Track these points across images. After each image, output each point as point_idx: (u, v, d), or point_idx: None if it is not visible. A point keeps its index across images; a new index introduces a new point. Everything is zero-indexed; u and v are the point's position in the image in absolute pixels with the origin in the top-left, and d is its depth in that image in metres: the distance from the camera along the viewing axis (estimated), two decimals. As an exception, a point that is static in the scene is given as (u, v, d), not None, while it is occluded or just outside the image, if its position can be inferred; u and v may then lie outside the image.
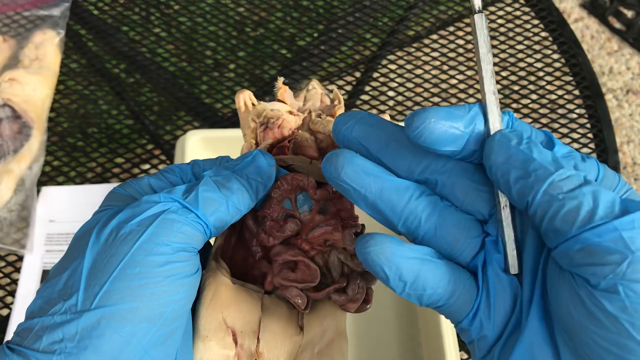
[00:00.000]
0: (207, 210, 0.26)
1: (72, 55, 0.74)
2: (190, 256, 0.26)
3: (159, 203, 0.26)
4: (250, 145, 0.33)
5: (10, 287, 0.59)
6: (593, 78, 0.71)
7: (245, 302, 0.29)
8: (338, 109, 0.35)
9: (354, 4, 0.79)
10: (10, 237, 0.59)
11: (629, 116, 1.46)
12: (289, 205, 0.30)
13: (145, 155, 0.67)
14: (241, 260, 0.31)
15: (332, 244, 0.30)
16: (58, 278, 0.25)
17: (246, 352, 0.28)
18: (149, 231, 0.25)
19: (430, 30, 0.76)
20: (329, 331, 0.29)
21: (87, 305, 0.24)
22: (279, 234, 0.29)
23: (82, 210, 0.61)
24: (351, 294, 0.29)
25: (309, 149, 0.32)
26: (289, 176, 0.29)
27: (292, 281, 0.28)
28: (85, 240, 0.25)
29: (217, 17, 0.78)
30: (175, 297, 0.25)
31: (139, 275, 0.24)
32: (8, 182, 0.60)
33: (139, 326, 0.24)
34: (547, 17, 0.76)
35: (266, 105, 0.33)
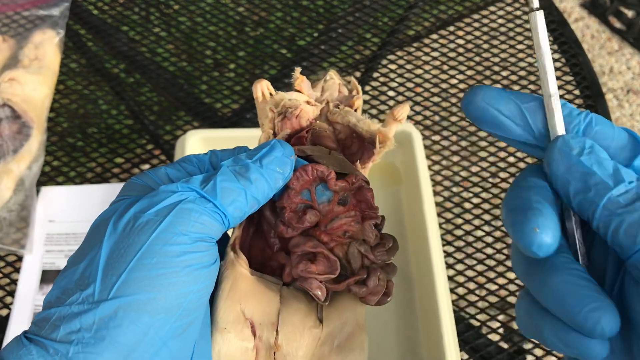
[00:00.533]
0: (225, 200, 0.26)
1: (72, 55, 0.74)
2: (209, 246, 0.26)
3: (177, 193, 0.26)
4: (268, 136, 0.32)
5: (9, 287, 0.59)
6: (593, 78, 0.71)
7: (264, 294, 0.28)
8: (356, 99, 0.34)
9: (354, 4, 0.79)
10: (10, 237, 0.59)
11: (629, 116, 1.46)
12: (308, 196, 0.30)
13: (145, 155, 0.67)
14: (259, 251, 0.31)
15: (351, 236, 0.29)
16: (75, 268, 0.25)
17: (265, 345, 0.28)
18: (166, 221, 0.25)
19: (430, 30, 0.76)
20: (348, 324, 0.29)
21: (104, 295, 0.23)
22: (298, 226, 0.29)
23: (82, 210, 0.61)
24: (372, 286, 0.28)
25: (327, 139, 0.32)
26: (308, 167, 0.29)
27: (312, 273, 0.28)
28: (102, 230, 0.25)
29: (217, 17, 0.78)
30: (194, 288, 0.25)
31: (157, 266, 0.24)
32: (8, 182, 0.60)
33: (157, 317, 0.24)
34: (547, 17, 0.76)
35: (284, 95, 0.33)
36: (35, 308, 0.56)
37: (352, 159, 0.33)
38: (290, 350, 0.28)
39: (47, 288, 0.57)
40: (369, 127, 0.32)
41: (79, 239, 0.60)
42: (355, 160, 0.32)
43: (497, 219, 0.62)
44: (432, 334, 0.50)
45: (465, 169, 0.65)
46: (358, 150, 0.33)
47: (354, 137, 0.33)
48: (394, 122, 0.33)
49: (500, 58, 0.73)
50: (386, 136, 0.32)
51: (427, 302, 0.52)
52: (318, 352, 0.28)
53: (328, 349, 0.28)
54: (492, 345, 0.56)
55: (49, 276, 0.58)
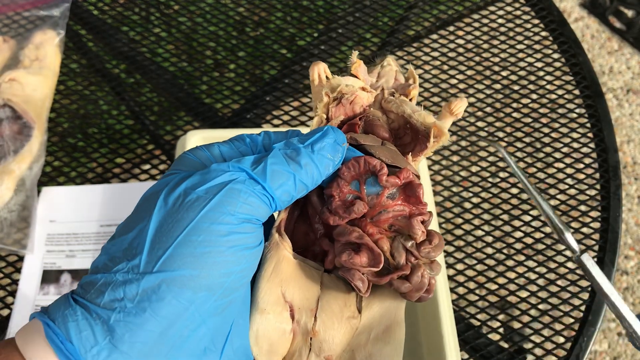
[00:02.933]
0: (274, 183, 0.26)
1: (72, 56, 0.74)
2: (255, 228, 0.26)
3: (228, 172, 0.26)
4: (321, 120, 0.32)
5: (10, 288, 0.59)
6: (593, 77, 0.71)
7: (305, 279, 0.29)
8: (412, 89, 0.34)
9: (354, 4, 0.79)
10: (11, 237, 0.59)
11: (629, 115, 1.46)
12: (357, 187, 0.29)
13: (146, 155, 0.67)
14: (302, 235, 0.31)
15: (397, 230, 0.29)
16: (124, 237, 0.25)
17: (302, 329, 0.28)
18: (215, 199, 0.25)
19: (430, 30, 0.76)
20: (387, 317, 0.29)
21: (149, 267, 0.24)
22: (345, 215, 0.29)
23: (83, 210, 0.61)
24: (415, 283, 0.28)
25: (380, 128, 0.32)
26: (361, 159, 0.29)
27: (355, 264, 0.28)
28: (153, 202, 0.26)
29: (217, 17, 0.78)
30: (237, 268, 0.25)
31: (203, 244, 0.24)
32: (8, 182, 0.60)
33: (199, 294, 0.24)
34: (547, 17, 0.76)
35: (341, 80, 0.32)
36: (36, 308, 0.56)
37: (404, 150, 0.32)
38: (327, 337, 0.28)
39: (47, 288, 0.57)
40: (424, 120, 0.31)
41: (80, 238, 0.60)
42: (407, 152, 0.32)
43: (497, 218, 0.62)
44: (432, 333, 0.50)
45: (465, 169, 0.65)
46: (411, 142, 0.33)
47: (407, 128, 0.33)
48: (450, 116, 0.33)
49: (500, 58, 0.73)
50: (441, 130, 0.31)
51: (427, 302, 0.52)
52: (354, 341, 0.28)
53: (364, 340, 0.28)
54: (492, 345, 0.56)
55: (50, 276, 0.58)
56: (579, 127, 0.68)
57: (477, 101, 0.69)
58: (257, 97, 0.71)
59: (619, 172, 0.64)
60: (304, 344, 0.28)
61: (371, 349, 0.28)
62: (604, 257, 0.59)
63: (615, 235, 0.60)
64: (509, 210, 0.62)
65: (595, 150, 0.66)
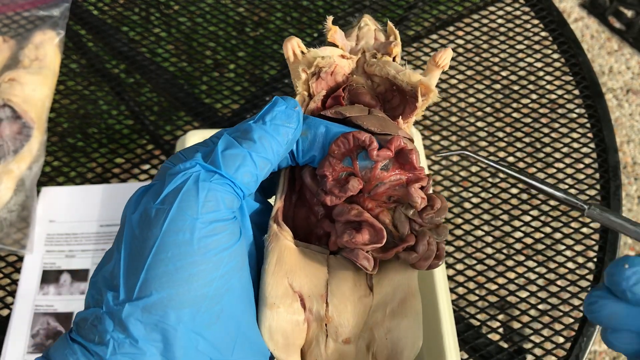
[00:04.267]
0: (230, 167, 0.25)
1: (72, 56, 0.74)
2: (226, 225, 0.25)
3: (180, 173, 0.24)
4: (303, 98, 0.31)
5: (10, 288, 0.59)
6: (593, 78, 0.71)
7: (311, 265, 0.28)
8: (394, 46, 0.32)
9: (354, 4, 0.79)
10: (11, 237, 0.59)
11: (629, 116, 1.46)
12: (350, 163, 0.28)
13: (145, 155, 0.67)
14: (303, 220, 0.30)
15: (397, 200, 0.28)
16: (106, 268, 0.25)
17: (315, 317, 0.27)
18: (173, 209, 0.24)
19: (430, 30, 0.76)
20: (400, 290, 0.28)
21: (130, 296, 0.23)
22: (341, 194, 0.27)
23: (82, 210, 0.61)
24: (421, 252, 0.27)
25: (365, 96, 0.30)
26: (350, 135, 0.27)
27: (357, 243, 0.27)
28: (122, 225, 0.25)
29: (217, 17, 0.78)
30: (216, 274, 0.24)
31: (173, 259, 0.23)
32: (8, 182, 0.60)
33: (183, 311, 0.23)
34: (547, 17, 0.76)
35: (317, 53, 0.30)
36: (35, 308, 0.56)
37: (394, 114, 0.31)
38: (342, 321, 0.27)
39: (47, 288, 0.57)
40: (409, 79, 0.30)
41: (80, 239, 0.60)
42: (397, 115, 0.31)
43: (497, 218, 0.62)
44: (432, 333, 0.50)
45: (465, 169, 0.65)
46: (399, 104, 0.31)
47: (394, 90, 0.31)
48: (436, 68, 0.31)
49: (500, 58, 0.73)
50: (428, 87, 0.30)
51: (427, 302, 0.52)
52: (371, 319, 0.27)
53: (381, 316, 0.27)
54: (492, 345, 0.56)
55: (50, 276, 0.58)
56: (579, 127, 0.68)
57: (477, 101, 0.69)
58: (257, 97, 0.71)
59: (618, 172, 0.64)
60: (319, 331, 0.27)
61: (389, 324, 0.27)
62: (604, 257, 0.59)
63: (616, 235, 0.60)
64: (508, 210, 0.62)
65: (595, 150, 0.66)
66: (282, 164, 0.29)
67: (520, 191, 0.64)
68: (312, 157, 0.28)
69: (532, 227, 0.61)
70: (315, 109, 0.31)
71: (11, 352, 0.54)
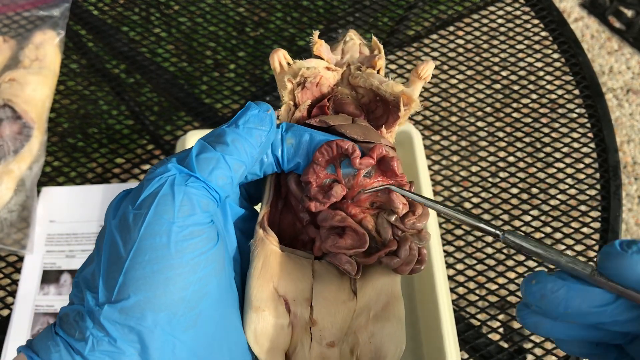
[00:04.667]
0: (204, 170, 0.25)
1: (72, 56, 0.74)
2: (203, 229, 0.25)
3: (156, 178, 0.25)
4: (289, 108, 0.31)
5: (10, 288, 0.59)
6: (593, 77, 0.71)
7: (296, 270, 0.28)
8: (378, 59, 0.33)
9: (354, 4, 0.79)
10: (11, 237, 0.59)
11: (629, 115, 1.46)
12: (333, 170, 0.29)
13: (146, 155, 0.67)
14: (289, 226, 0.31)
15: (380, 206, 0.29)
16: (88, 269, 0.25)
17: (300, 321, 0.27)
18: (150, 213, 0.24)
19: (430, 30, 0.76)
20: (383, 294, 0.28)
21: (108, 297, 0.24)
22: (325, 200, 0.28)
23: (83, 210, 0.61)
24: (403, 257, 0.27)
25: (349, 106, 0.31)
26: (333, 143, 0.28)
27: (341, 248, 0.27)
28: (104, 230, 0.25)
29: (217, 17, 0.78)
30: (193, 278, 0.24)
31: (151, 262, 0.24)
32: (8, 182, 0.60)
33: (159, 314, 0.23)
34: (547, 17, 0.76)
35: (302, 64, 0.31)
36: (36, 308, 0.56)
37: (377, 123, 0.31)
38: (326, 324, 0.27)
39: (47, 288, 0.57)
40: (392, 89, 0.31)
41: (80, 239, 0.60)
42: (380, 124, 0.31)
43: (497, 218, 0.62)
44: (432, 333, 0.50)
45: (465, 169, 0.65)
46: (383, 114, 0.32)
47: (378, 101, 0.32)
48: (419, 80, 0.32)
49: (500, 58, 0.73)
50: (410, 97, 0.31)
51: (427, 302, 0.52)
52: (354, 323, 0.28)
53: (364, 320, 0.28)
54: (492, 345, 0.56)
55: (50, 276, 0.58)
56: (579, 127, 0.68)
57: (477, 101, 0.69)
58: (257, 97, 0.71)
59: (619, 172, 0.64)
60: (304, 334, 0.27)
61: (372, 329, 0.27)
62: (604, 257, 0.59)
63: (616, 235, 0.60)
64: (509, 210, 0.62)
65: (595, 150, 0.66)
66: (268, 171, 0.29)
67: (520, 191, 0.64)
68: (296, 164, 0.29)
69: (532, 227, 0.61)
70: (300, 118, 0.31)
71: (11, 352, 0.54)
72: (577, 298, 0.23)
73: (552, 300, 0.24)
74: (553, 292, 0.24)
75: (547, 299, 0.24)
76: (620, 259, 0.23)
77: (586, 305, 0.23)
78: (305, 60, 0.32)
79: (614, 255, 0.23)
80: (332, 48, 0.34)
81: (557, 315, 0.24)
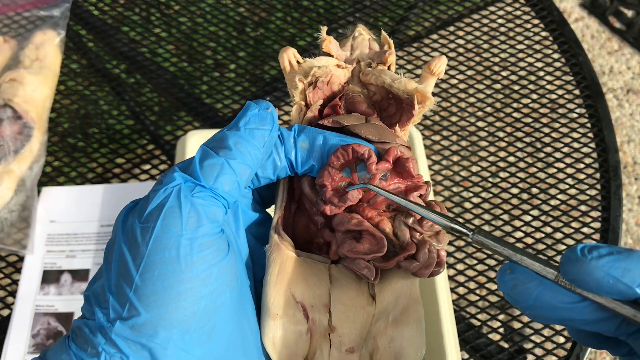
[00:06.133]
0: (209, 178, 0.25)
1: (73, 56, 0.74)
2: (212, 241, 0.24)
3: (161, 190, 0.24)
4: (300, 108, 0.31)
5: (11, 288, 0.59)
6: (593, 78, 0.71)
7: (313, 275, 0.27)
8: (389, 55, 0.32)
9: (354, 4, 0.79)
10: (11, 237, 0.59)
11: (629, 116, 1.46)
12: (349, 174, 0.28)
13: (146, 155, 0.67)
14: (304, 229, 0.30)
15: (396, 208, 0.28)
16: (98, 283, 0.25)
17: (319, 327, 0.27)
18: (158, 226, 0.23)
19: (430, 30, 0.76)
20: (402, 298, 0.28)
21: (119, 313, 0.23)
22: (340, 204, 0.27)
23: (83, 210, 0.61)
24: (422, 260, 0.27)
25: (362, 104, 0.31)
26: (349, 148, 0.27)
27: (358, 253, 0.27)
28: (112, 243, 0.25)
29: (218, 18, 0.78)
30: (205, 292, 0.24)
31: (160, 278, 0.23)
32: (9, 182, 0.60)
33: (172, 331, 0.23)
34: (547, 17, 0.76)
35: (313, 62, 0.31)
36: (36, 308, 0.56)
37: (390, 121, 0.31)
38: (345, 330, 0.27)
39: (48, 288, 0.57)
40: (405, 87, 0.30)
41: (80, 239, 0.60)
42: (393, 123, 0.31)
43: (498, 218, 0.62)
44: (433, 333, 0.50)
45: (465, 169, 0.65)
46: (396, 112, 0.31)
47: (390, 98, 0.31)
48: (431, 76, 0.31)
49: (500, 58, 0.73)
50: (425, 95, 0.30)
51: (428, 302, 0.52)
52: (374, 328, 0.27)
53: (383, 325, 0.27)
54: (492, 345, 0.56)
55: (50, 276, 0.58)
56: (579, 127, 0.68)
57: (477, 101, 0.69)
58: (257, 97, 0.71)
59: (619, 172, 0.64)
60: (323, 340, 0.27)
61: (392, 333, 0.27)
62: (604, 257, 0.59)
63: (616, 235, 0.60)
64: (509, 210, 0.62)
65: (595, 150, 0.66)
66: (282, 175, 0.29)
67: (520, 191, 0.64)
68: (310, 166, 0.28)
69: (532, 227, 0.61)
70: (312, 118, 0.31)
71: (12, 352, 0.54)
72: (548, 293, 0.24)
73: (522, 292, 0.24)
74: (525, 283, 0.24)
75: (518, 289, 0.24)
76: (580, 265, 0.23)
77: (556, 301, 0.24)
78: (315, 58, 0.31)
79: (574, 260, 0.23)
80: (341, 44, 0.33)
81: (526, 307, 0.24)
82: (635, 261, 0.22)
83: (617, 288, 0.22)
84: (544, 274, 0.24)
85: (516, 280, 0.24)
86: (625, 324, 0.23)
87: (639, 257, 0.22)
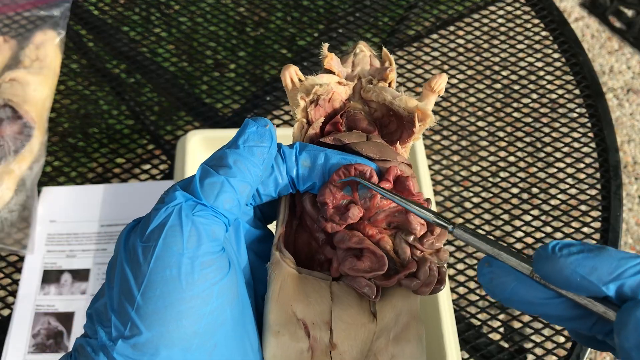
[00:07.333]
0: (210, 196, 0.25)
1: (73, 56, 0.74)
2: (213, 260, 0.24)
3: (162, 208, 0.25)
4: (302, 125, 0.31)
5: (11, 287, 0.59)
6: (593, 77, 0.71)
7: (314, 292, 0.28)
8: (390, 72, 0.32)
9: (354, 4, 0.79)
10: (11, 237, 0.59)
11: (629, 115, 1.46)
12: (350, 192, 0.28)
13: (146, 155, 0.67)
14: (305, 245, 0.30)
15: (397, 226, 0.28)
16: (100, 302, 0.25)
17: (320, 344, 0.27)
18: (159, 246, 0.24)
19: (430, 30, 0.76)
20: (403, 315, 0.28)
21: (121, 332, 0.23)
22: (341, 222, 0.28)
23: (83, 210, 0.61)
24: (423, 278, 0.27)
25: (363, 122, 0.31)
26: (351, 167, 0.28)
27: (359, 271, 0.27)
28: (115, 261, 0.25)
29: (218, 17, 0.78)
30: (206, 310, 0.24)
31: (162, 297, 0.23)
32: (9, 182, 0.60)
33: (173, 350, 0.23)
34: (547, 17, 0.76)
35: (315, 80, 0.31)
36: (36, 308, 0.56)
37: (391, 139, 0.31)
38: (346, 348, 0.27)
39: (48, 288, 0.57)
40: (406, 105, 0.30)
41: (80, 239, 0.60)
42: (394, 140, 0.31)
43: (498, 218, 0.62)
44: (433, 333, 0.50)
45: (465, 169, 0.65)
46: (397, 129, 0.32)
47: (391, 115, 0.32)
48: (432, 94, 0.31)
49: (500, 58, 0.73)
50: (425, 113, 0.30)
51: (428, 302, 0.52)
52: (374, 346, 0.27)
53: (384, 342, 0.27)
54: (492, 345, 0.56)
55: (50, 276, 0.58)
56: (580, 127, 0.68)
57: (477, 101, 0.69)
58: (257, 97, 0.71)
59: (619, 171, 0.64)
60: (324, 358, 0.27)
61: (393, 350, 0.27)
62: (605, 256, 0.59)
63: (616, 235, 0.60)
64: (509, 210, 0.62)
65: (595, 150, 0.66)
66: (283, 192, 0.29)
67: (520, 191, 0.64)
68: (312, 184, 0.29)
69: (532, 226, 0.61)
70: (314, 136, 0.31)
71: (12, 352, 0.54)
72: (523, 288, 0.24)
73: (499, 285, 0.25)
74: (501, 277, 0.25)
75: (495, 282, 0.25)
76: (550, 262, 0.23)
77: (531, 296, 0.24)
78: (317, 76, 0.31)
79: (544, 257, 0.23)
80: (342, 60, 0.34)
81: (503, 300, 0.25)
82: (603, 259, 0.22)
83: (584, 286, 0.22)
84: (519, 269, 0.24)
85: (493, 274, 0.25)
86: (600, 322, 0.23)
87: (608, 255, 0.22)
